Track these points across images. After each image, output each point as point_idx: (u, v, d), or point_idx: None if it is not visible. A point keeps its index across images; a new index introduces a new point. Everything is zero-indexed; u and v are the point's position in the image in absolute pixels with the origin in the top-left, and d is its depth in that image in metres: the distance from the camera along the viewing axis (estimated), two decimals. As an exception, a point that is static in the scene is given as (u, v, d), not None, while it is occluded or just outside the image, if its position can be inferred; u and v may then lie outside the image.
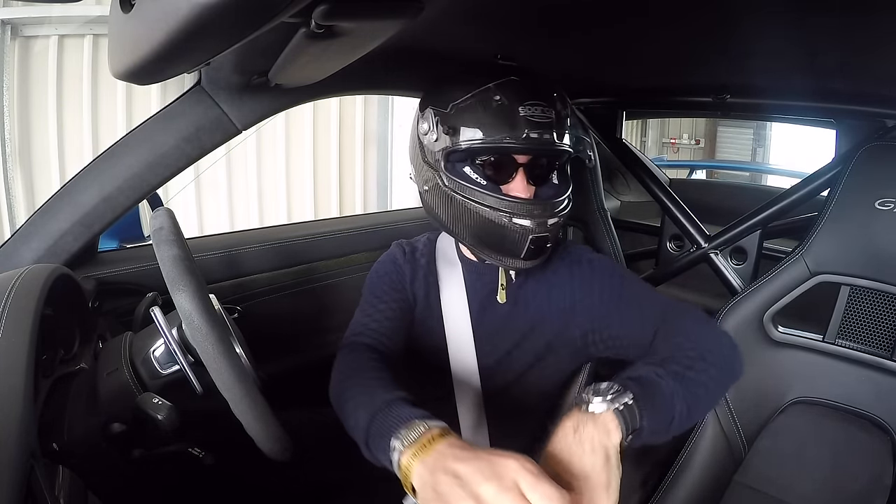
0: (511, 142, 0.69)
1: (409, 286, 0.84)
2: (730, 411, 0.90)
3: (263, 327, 1.09)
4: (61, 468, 0.54)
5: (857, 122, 1.16)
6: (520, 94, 0.70)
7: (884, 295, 0.84)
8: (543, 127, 0.70)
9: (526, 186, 0.73)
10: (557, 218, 0.74)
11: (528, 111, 0.69)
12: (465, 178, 0.73)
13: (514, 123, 0.69)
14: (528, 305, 0.82)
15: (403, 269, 0.85)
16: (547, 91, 0.73)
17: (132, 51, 0.40)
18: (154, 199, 1.16)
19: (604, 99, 1.35)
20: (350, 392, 0.64)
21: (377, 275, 0.86)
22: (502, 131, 0.69)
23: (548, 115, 0.71)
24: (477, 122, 0.70)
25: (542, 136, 0.70)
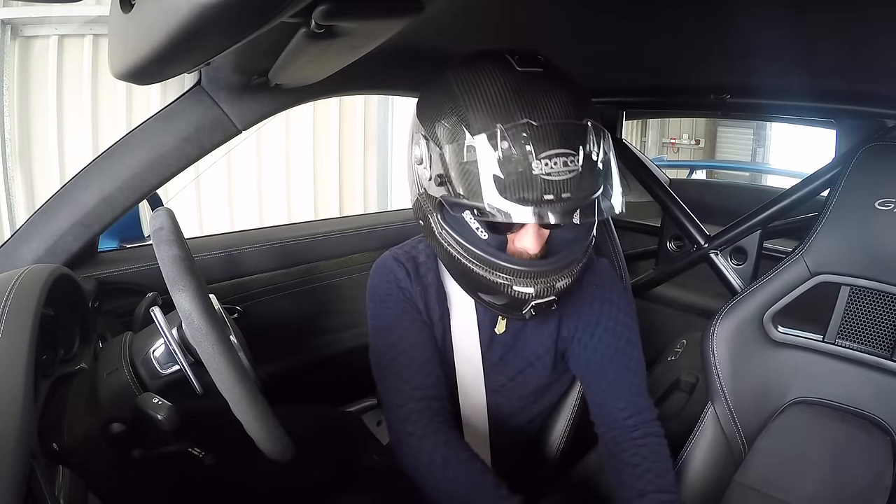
0: (520, 209, 0.55)
1: (423, 311, 0.77)
2: (730, 411, 0.90)
3: (263, 327, 1.09)
4: (61, 468, 0.54)
5: (857, 122, 1.16)
6: (536, 145, 0.54)
7: (884, 295, 0.84)
8: (564, 186, 0.55)
9: (537, 236, 0.62)
10: (568, 279, 0.63)
11: (545, 167, 0.54)
12: (462, 230, 0.63)
13: (527, 186, 0.54)
14: (539, 327, 0.80)
15: (413, 293, 0.76)
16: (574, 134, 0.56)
17: (132, 51, 0.40)
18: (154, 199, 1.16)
19: (604, 99, 1.35)
20: (454, 493, 0.67)
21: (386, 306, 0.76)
22: (510, 196, 0.55)
23: (572, 166, 0.55)
24: (477, 179, 0.55)
25: (561, 196, 0.55)
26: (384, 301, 0.77)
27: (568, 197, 0.56)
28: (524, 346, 0.81)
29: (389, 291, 0.77)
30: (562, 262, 0.63)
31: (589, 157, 0.57)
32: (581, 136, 0.57)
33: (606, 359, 0.77)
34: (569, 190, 0.56)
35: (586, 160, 0.56)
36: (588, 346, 0.78)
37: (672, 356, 1.37)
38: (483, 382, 0.81)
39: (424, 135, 0.63)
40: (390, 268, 0.78)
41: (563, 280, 0.63)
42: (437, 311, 0.78)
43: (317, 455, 0.88)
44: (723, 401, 0.90)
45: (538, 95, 0.57)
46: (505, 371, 0.82)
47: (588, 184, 0.57)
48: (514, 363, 0.82)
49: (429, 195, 0.64)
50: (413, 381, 0.73)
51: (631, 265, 1.50)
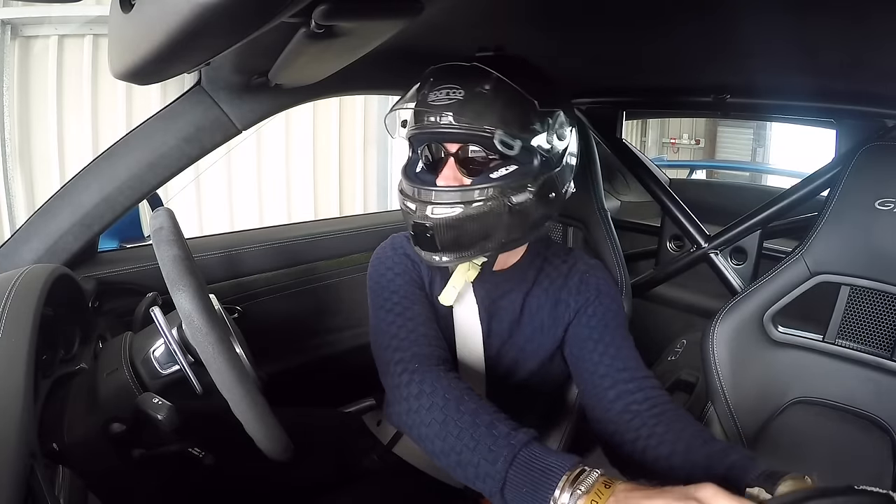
0: (415, 129, 0.69)
1: (427, 286, 0.80)
2: (730, 411, 0.90)
3: (263, 327, 1.09)
4: (61, 468, 0.54)
5: (857, 122, 1.16)
6: (435, 81, 0.67)
7: (884, 295, 0.84)
8: (444, 109, 0.65)
9: (452, 175, 0.68)
10: (446, 209, 0.65)
11: (434, 96, 0.66)
12: (408, 169, 0.73)
13: (421, 111, 0.67)
14: (534, 317, 0.81)
15: (420, 266, 0.80)
16: (462, 71, 0.66)
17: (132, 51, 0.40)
18: (154, 199, 1.16)
19: (604, 99, 1.35)
20: (456, 423, 0.55)
21: (392, 272, 0.78)
22: (413, 119, 0.69)
23: (453, 96, 0.65)
24: (409, 114, 0.71)
25: (439, 121, 0.65)
26: (390, 268, 0.79)
27: (446, 122, 0.65)
28: (522, 335, 0.82)
29: (396, 259, 0.80)
30: (442, 189, 0.67)
31: (478, 92, 0.65)
32: (469, 73, 0.66)
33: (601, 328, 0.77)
34: (447, 115, 0.65)
35: (470, 93, 0.65)
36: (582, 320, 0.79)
37: (672, 356, 1.37)
38: (484, 376, 0.81)
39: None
40: (400, 242, 0.82)
41: (441, 207, 0.66)
42: (440, 291, 0.78)
43: (317, 455, 0.88)
44: (723, 401, 0.90)
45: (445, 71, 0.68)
46: (504, 361, 0.83)
47: (471, 114, 0.65)
48: (511, 352, 0.83)
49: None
50: (417, 330, 0.71)
51: (631, 265, 1.50)
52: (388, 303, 0.75)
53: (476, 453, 0.53)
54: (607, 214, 1.10)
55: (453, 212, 0.65)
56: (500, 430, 0.53)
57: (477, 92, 0.64)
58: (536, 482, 0.48)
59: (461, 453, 0.54)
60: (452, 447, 0.55)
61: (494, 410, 0.57)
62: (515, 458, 0.50)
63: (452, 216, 0.65)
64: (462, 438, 0.54)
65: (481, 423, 0.54)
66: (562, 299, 0.80)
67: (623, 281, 1.02)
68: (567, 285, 0.81)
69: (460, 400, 0.57)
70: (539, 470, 0.49)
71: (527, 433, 0.53)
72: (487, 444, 0.52)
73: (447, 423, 0.56)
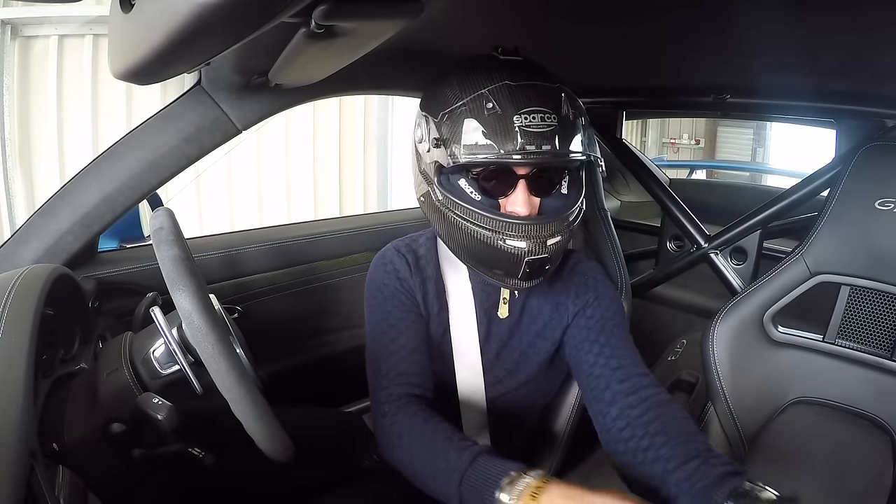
0: (505, 157, 0.62)
1: (421, 303, 0.79)
2: (730, 411, 0.90)
3: (263, 327, 1.09)
4: (61, 468, 0.54)
5: (857, 122, 1.16)
6: (515, 102, 0.62)
7: (884, 295, 0.84)
8: (543, 138, 0.62)
9: (527, 200, 0.66)
10: (559, 237, 0.67)
11: (524, 120, 0.62)
12: (458, 194, 0.68)
13: (509, 135, 0.61)
14: (535, 319, 0.81)
15: (412, 283, 0.78)
16: (549, 95, 0.64)
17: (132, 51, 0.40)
18: (154, 199, 1.16)
19: (604, 99, 1.35)
20: (423, 455, 0.66)
21: (383, 295, 0.78)
22: (496, 144, 0.62)
23: (549, 122, 0.63)
24: (468, 134, 0.63)
25: (542, 148, 0.62)
26: (381, 291, 0.79)
27: (548, 149, 0.62)
28: (521, 338, 0.82)
29: (387, 281, 0.79)
30: (552, 218, 0.67)
31: (566, 117, 0.64)
32: (556, 97, 0.64)
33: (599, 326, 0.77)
34: (549, 142, 0.62)
35: (563, 119, 0.63)
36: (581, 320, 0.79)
37: (672, 356, 1.37)
38: (482, 378, 0.81)
39: (423, 114, 0.69)
40: (391, 258, 0.80)
41: (554, 237, 0.66)
42: (436, 305, 0.79)
43: (317, 455, 0.88)
44: (723, 401, 0.90)
45: (516, 66, 0.66)
46: (504, 364, 0.82)
47: (567, 141, 0.64)
48: (511, 356, 0.82)
49: (429, 167, 0.69)
50: (398, 367, 0.75)
51: (631, 265, 1.50)
52: (377, 330, 0.78)
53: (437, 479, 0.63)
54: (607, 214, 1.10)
55: (565, 236, 0.68)
56: (451, 456, 0.63)
57: (565, 116, 0.64)
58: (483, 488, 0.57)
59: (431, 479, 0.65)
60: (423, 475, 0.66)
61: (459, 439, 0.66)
62: (467, 470, 0.60)
63: (564, 240, 0.68)
64: (427, 468, 0.65)
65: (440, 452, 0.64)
66: (561, 302, 0.80)
67: (623, 281, 1.02)
68: (566, 288, 0.81)
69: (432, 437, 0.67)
70: (486, 477, 0.58)
71: (473, 451, 0.62)
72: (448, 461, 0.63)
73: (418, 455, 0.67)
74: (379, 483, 0.83)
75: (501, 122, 0.62)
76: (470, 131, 0.63)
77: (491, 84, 0.63)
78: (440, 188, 0.68)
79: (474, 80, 0.64)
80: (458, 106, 0.64)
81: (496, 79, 0.64)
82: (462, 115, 0.64)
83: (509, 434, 0.86)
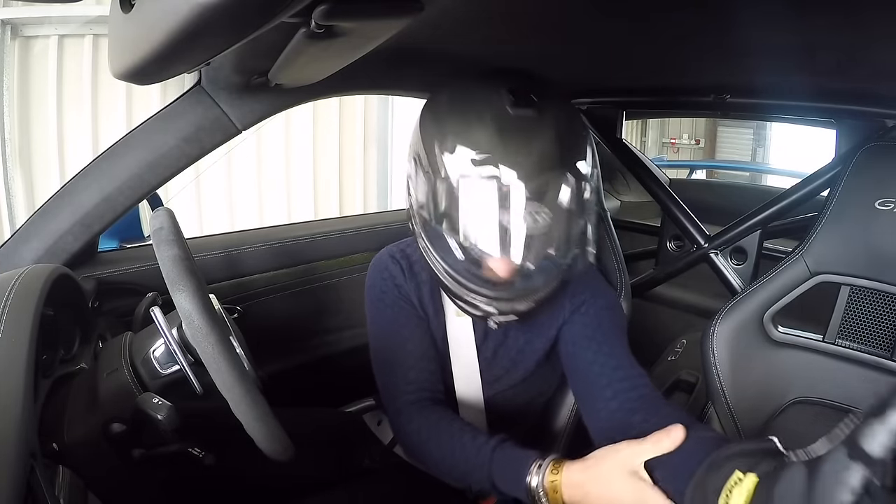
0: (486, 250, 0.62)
1: (419, 307, 0.80)
2: (730, 411, 0.90)
3: (263, 327, 1.09)
4: (61, 468, 0.54)
5: (857, 122, 1.16)
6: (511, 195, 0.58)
7: (884, 295, 0.84)
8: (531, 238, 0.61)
9: (505, 268, 0.64)
10: (531, 304, 0.68)
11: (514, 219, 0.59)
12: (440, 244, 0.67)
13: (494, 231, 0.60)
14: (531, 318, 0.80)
15: (408, 289, 0.80)
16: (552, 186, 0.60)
17: (132, 51, 0.40)
18: (154, 199, 1.16)
19: (604, 99, 1.35)
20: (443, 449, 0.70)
21: (384, 304, 0.80)
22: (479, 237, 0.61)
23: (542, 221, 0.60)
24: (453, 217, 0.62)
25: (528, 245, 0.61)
26: (381, 299, 0.80)
27: (532, 245, 0.61)
28: (518, 337, 0.82)
29: (385, 289, 0.80)
30: (524, 293, 0.67)
31: (560, 207, 0.61)
32: (556, 189, 0.60)
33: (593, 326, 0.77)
34: (534, 240, 0.61)
35: (557, 212, 0.61)
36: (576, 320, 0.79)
37: (672, 356, 1.37)
38: (479, 377, 0.82)
39: (416, 157, 0.67)
40: (385, 265, 0.81)
41: (524, 305, 0.68)
42: (432, 308, 0.81)
43: (317, 455, 0.88)
44: (723, 401, 0.90)
45: (522, 146, 0.60)
46: (500, 363, 0.83)
47: (557, 233, 0.62)
48: (508, 354, 0.83)
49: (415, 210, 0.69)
50: (408, 376, 0.77)
51: (631, 265, 1.50)
52: (384, 338, 0.80)
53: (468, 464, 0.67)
54: (607, 214, 1.10)
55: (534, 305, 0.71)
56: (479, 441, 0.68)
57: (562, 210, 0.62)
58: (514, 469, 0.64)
59: (457, 467, 0.68)
60: (451, 465, 0.69)
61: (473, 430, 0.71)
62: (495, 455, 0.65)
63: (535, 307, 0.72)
64: (455, 456, 0.69)
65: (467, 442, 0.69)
66: (557, 300, 0.80)
67: (623, 281, 1.02)
68: (563, 287, 0.81)
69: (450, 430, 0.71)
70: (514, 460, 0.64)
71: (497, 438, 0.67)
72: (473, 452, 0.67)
73: (442, 447, 0.70)
74: (379, 482, 0.84)
75: (489, 217, 0.60)
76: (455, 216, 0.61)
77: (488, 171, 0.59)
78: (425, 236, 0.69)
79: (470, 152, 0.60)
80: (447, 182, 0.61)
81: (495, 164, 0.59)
82: (450, 193, 0.61)
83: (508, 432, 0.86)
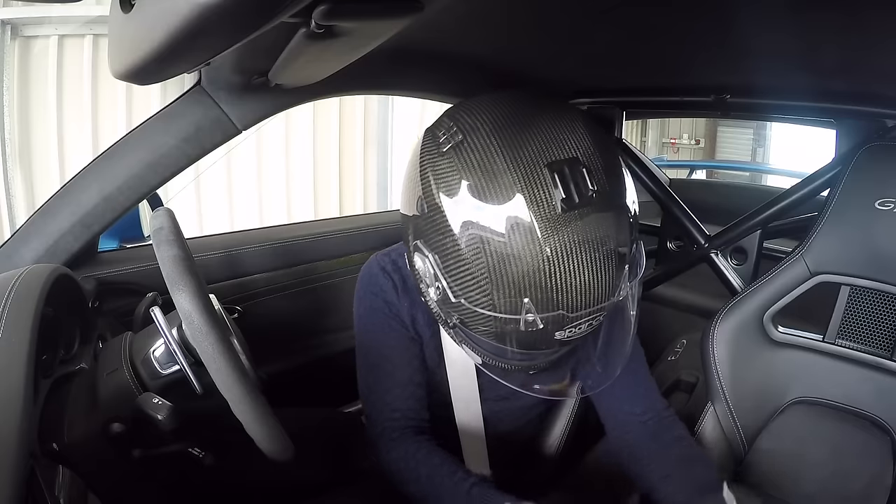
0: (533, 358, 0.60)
1: (411, 326, 0.74)
2: (730, 411, 0.90)
3: (263, 327, 1.09)
4: (61, 468, 0.54)
5: (857, 122, 1.15)
6: (566, 323, 0.52)
7: (884, 295, 0.84)
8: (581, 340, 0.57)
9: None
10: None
11: (567, 334, 0.53)
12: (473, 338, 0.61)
13: (548, 346, 0.56)
14: None
15: (400, 307, 0.73)
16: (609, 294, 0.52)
17: (132, 51, 0.40)
18: (154, 199, 1.16)
19: (604, 99, 1.35)
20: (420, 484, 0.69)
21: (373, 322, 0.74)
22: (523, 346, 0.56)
23: (595, 324, 0.54)
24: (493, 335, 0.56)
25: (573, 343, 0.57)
26: (369, 315, 0.74)
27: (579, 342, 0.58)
28: None
29: (375, 305, 0.74)
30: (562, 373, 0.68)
31: (617, 305, 0.55)
32: (612, 293, 0.53)
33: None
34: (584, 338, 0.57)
35: (613, 310, 0.56)
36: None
37: (672, 356, 1.36)
38: (479, 396, 0.80)
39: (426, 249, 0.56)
40: (375, 279, 0.74)
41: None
42: (428, 332, 0.75)
43: (317, 455, 0.88)
44: (723, 401, 0.90)
45: (581, 274, 0.50)
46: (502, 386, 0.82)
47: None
48: None
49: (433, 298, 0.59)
50: (393, 403, 0.73)
51: (631, 265, 1.49)
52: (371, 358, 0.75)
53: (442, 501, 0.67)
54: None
55: None
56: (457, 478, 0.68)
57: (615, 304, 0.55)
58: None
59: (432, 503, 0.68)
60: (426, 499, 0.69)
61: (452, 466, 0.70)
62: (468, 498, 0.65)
63: None
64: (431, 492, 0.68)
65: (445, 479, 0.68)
66: None
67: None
68: None
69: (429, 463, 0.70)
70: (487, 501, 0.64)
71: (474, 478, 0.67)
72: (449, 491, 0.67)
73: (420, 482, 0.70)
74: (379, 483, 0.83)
75: (540, 338, 0.54)
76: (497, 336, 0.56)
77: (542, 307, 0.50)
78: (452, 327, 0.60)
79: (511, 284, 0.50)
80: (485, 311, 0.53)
81: (549, 302, 0.50)
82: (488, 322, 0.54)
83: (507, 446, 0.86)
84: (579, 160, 0.51)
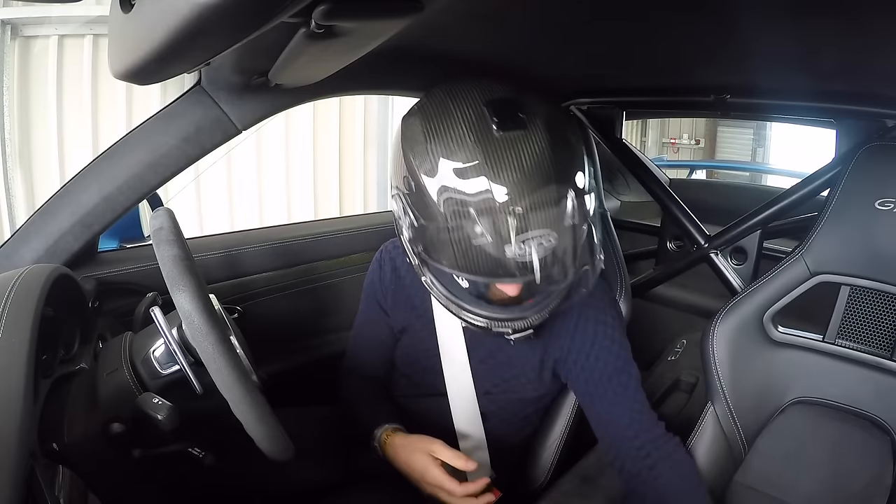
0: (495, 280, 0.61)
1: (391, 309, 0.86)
2: (730, 411, 0.90)
3: (263, 327, 1.09)
4: (61, 468, 0.54)
5: (857, 122, 1.16)
6: (512, 228, 0.54)
7: (884, 295, 0.84)
8: (539, 266, 0.56)
9: (513, 288, 0.64)
10: (545, 314, 0.65)
11: (518, 250, 0.55)
12: (441, 275, 0.65)
13: (497, 265, 0.56)
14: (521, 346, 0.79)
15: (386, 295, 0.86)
16: (553, 208, 0.55)
17: (132, 51, 0.40)
18: (154, 199, 1.16)
19: (604, 99, 1.35)
20: (353, 411, 0.89)
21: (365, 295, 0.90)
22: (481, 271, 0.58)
23: (547, 245, 0.55)
24: (452, 257, 0.58)
25: (535, 272, 0.56)
26: (367, 293, 0.90)
27: (541, 272, 0.57)
28: (509, 357, 0.82)
29: (372, 286, 0.88)
30: (537, 308, 0.65)
31: (567, 228, 0.57)
32: (561, 213, 0.56)
33: (605, 378, 0.77)
34: (544, 267, 0.57)
35: (563, 233, 0.57)
36: (585, 367, 0.78)
37: (672, 356, 1.36)
38: (472, 384, 0.81)
39: (402, 194, 0.62)
40: (377, 265, 0.88)
41: (539, 316, 0.66)
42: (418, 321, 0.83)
43: (317, 455, 0.88)
44: (723, 401, 0.90)
45: (516, 171, 0.55)
46: (492, 376, 0.82)
47: (564, 256, 0.59)
48: (499, 369, 0.82)
49: (406, 240, 0.65)
50: (355, 360, 0.93)
51: (631, 265, 1.50)
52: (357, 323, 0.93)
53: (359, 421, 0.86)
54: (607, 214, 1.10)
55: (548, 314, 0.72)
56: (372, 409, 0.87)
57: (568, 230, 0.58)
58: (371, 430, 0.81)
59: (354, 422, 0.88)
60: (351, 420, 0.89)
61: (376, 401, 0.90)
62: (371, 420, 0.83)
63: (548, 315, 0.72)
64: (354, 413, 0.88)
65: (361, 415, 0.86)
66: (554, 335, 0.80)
67: (623, 281, 1.02)
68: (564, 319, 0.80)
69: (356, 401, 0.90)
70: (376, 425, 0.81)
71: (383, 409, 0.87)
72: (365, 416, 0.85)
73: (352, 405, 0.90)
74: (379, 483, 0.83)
75: (490, 252, 0.56)
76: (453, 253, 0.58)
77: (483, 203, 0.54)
78: (422, 265, 0.65)
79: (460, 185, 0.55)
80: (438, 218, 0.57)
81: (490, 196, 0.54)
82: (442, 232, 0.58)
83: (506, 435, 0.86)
84: (515, 98, 0.59)
